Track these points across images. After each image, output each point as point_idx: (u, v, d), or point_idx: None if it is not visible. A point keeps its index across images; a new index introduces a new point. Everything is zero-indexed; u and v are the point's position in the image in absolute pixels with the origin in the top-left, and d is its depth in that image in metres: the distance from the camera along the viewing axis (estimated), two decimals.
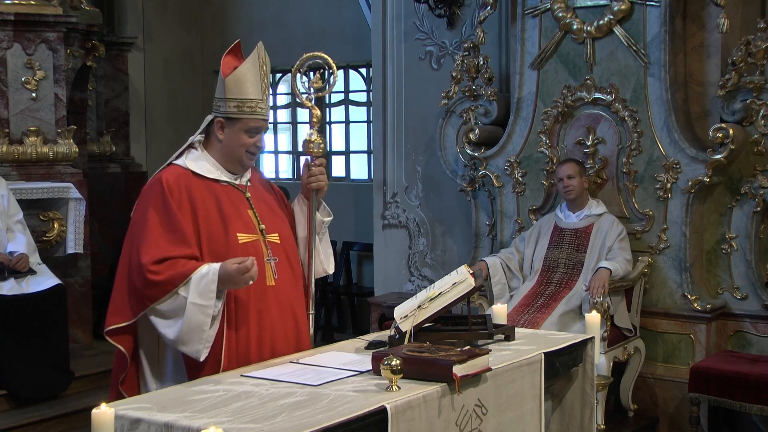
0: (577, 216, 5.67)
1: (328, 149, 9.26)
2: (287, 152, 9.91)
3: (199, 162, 3.32)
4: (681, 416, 5.59)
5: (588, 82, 5.86)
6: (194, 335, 3.06)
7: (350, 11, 8.80)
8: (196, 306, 3.05)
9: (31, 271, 5.85)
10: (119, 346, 3.19)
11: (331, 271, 3.69)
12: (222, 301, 3.12)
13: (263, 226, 3.34)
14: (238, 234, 3.26)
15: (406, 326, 3.22)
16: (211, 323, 3.08)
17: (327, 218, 3.62)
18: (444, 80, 6.65)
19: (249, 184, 3.42)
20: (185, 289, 3.06)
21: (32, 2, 6.80)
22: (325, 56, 3.60)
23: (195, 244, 3.17)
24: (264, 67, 3.33)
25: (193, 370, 3.14)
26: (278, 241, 3.38)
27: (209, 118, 3.37)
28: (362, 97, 9.17)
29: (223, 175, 3.34)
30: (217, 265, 3.09)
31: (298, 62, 3.66)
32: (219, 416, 2.52)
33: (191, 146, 3.36)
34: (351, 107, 9.28)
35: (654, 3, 5.62)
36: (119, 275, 3.21)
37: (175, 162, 3.33)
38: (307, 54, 3.64)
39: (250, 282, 3.11)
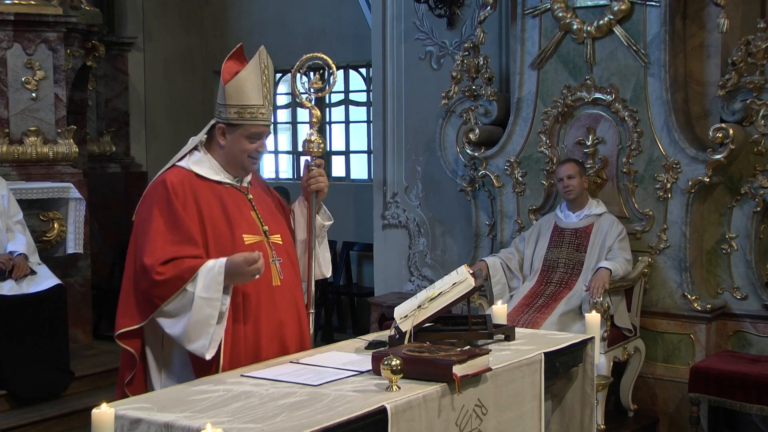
0: (577, 216, 5.67)
1: (328, 149, 9.27)
2: (287, 152, 9.91)
3: (202, 164, 3.32)
4: (681, 416, 5.59)
5: (588, 82, 5.86)
6: (201, 329, 3.05)
7: (350, 11, 8.80)
8: (203, 299, 3.05)
9: (31, 272, 5.85)
10: (129, 348, 3.19)
11: (329, 275, 3.71)
12: (229, 298, 3.11)
13: (266, 228, 3.36)
14: (243, 235, 3.26)
15: (406, 326, 3.22)
16: (218, 319, 3.07)
17: (327, 222, 3.63)
18: (444, 80, 6.65)
19: (250, 185, 3.43)
20: (193, 285, 3.06)
21: (32, 2, 6.80)
22: (325, 57, 3.61)
23: (201, 245, 3.17)
24: (266, 72, 3.31)
25: (200, 373, 3.13)
26: (281, 242, 3.40)
27: (212, 122, 3.37)
28: (362, 97, 9.17)
29: (225, 177, 3.35)
30: (223, 259, 3.09)
31: (298, 63, 3.68)
32: (219, 416, 2.52)
33: (194, 148, 3.36)
34: (351, 107, 9.28)
35: (654, 3, 5.62)
36: (126, 279, 3.21)
37: (177, 164, 3.32)
38: (307, 55, 3.65)
39: (257, 276, 3.09)
